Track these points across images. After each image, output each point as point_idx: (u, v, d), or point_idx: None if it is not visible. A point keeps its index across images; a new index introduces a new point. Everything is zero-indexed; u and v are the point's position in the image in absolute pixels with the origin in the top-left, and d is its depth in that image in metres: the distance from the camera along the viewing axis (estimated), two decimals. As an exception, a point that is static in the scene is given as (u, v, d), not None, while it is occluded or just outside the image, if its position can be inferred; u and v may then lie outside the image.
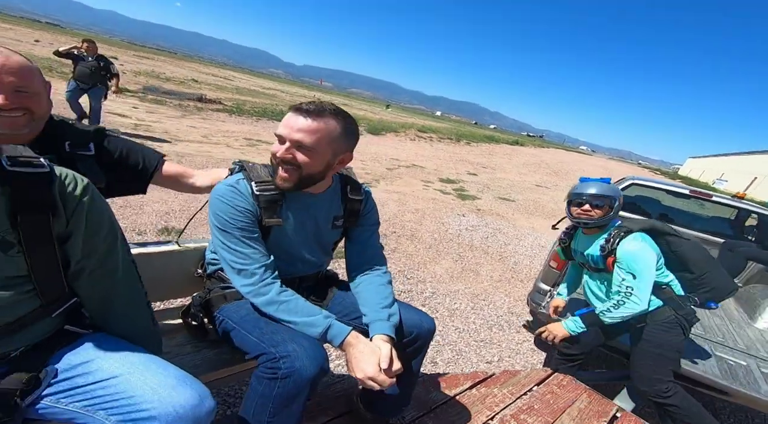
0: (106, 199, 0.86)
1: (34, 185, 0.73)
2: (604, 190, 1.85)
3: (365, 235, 1.35)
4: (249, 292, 1.08)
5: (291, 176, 1.09)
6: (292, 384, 0.91)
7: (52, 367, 0.79)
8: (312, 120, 1.05)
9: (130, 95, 12.44)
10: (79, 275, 0.84)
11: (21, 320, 0.77)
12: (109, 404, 0.74)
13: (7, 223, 0.72)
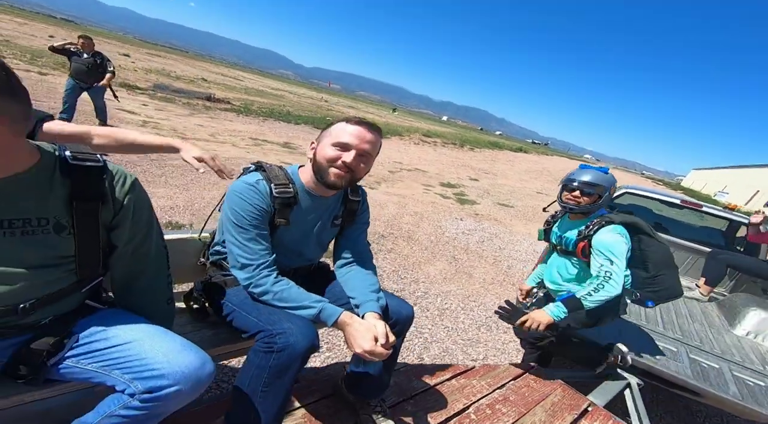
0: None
1: (90, 177, 0.87)
2: (597, 179, 1.92)
3: (357, 232, 1.48)
4: (248, 284, 1.20)
5: (346, 177, 1.24)
6: (286, 357, 1.04)
7: (74, 335, 0.91)
8: (374, 134, 1.26)
9: (140, 93, 12.68)
10: (123, 256, 0.98)
11: (58, 293, 0.90)
12: (124, 365, 0.85)
13: (63, 209, 0.85)
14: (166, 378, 0.82)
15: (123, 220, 0.94)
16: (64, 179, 0.86)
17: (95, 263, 0.94)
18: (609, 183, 1.95)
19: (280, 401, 1.09)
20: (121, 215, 0.93)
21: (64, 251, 0.87)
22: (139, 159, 5.50)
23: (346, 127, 1.24)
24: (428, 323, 3.15)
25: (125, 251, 0.98)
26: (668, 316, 2.96)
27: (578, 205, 1.95)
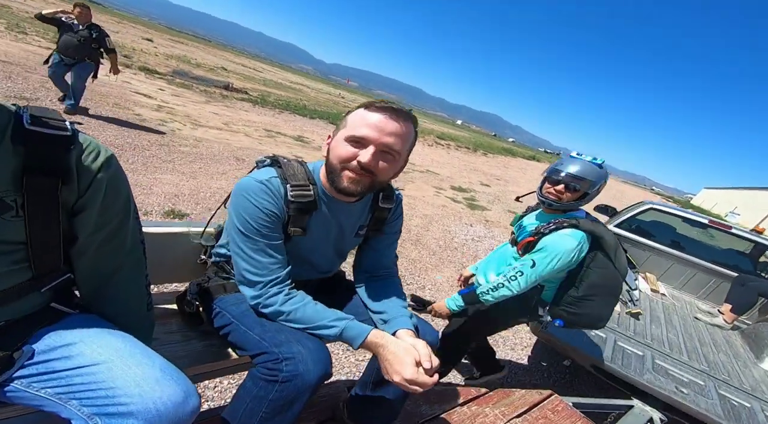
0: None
1: (50, 148, 0.68)
2: (586, 172, 1.61)
3: (385, 243, 1.26)
4: (255, 303, 1.00)
5: (363, 181, 0.97)
6: (293, 388, 0.84)
7: (29, 347, 0.73)
8: (402, 124, 0.96)
9: (159, 78, 12.64)
10: (86, 250, 0.79)
11: (7, 292, 0.72)
12: (86, 394, 0.68)
13: (10, 184, 0.66)
14: (135, 417, 0.65)
15: (89, 203, 0.75)
16: (16, 147, 0.66)
17: (54, 254, 0.75)
18: (599, 178, 1.63)
19: None
20: (88, 197, 0.74)
21: (9, 236, 0.69)
22: (149, 144, 5.41)
23: (365, 116, 0.96)
24: (434, 335, 2.99)
25: (90, 241, 0.78)
26: (692, 343, 2.77)
27: (560, 200, 1.65)
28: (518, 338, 3.40)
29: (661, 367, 2.27)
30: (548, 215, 1.77)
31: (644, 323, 2.84)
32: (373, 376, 1.19)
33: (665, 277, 3.95)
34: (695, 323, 3.23)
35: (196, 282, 1.18)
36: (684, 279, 3.91)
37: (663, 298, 3.57)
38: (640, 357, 2.30)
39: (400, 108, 0.96)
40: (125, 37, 24.20)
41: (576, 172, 1.62)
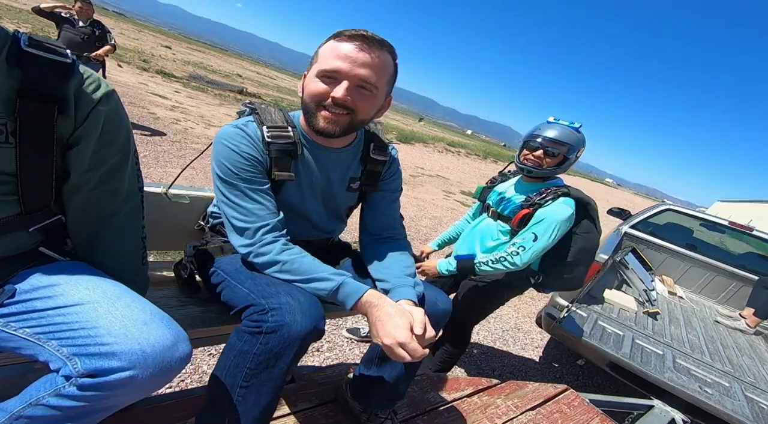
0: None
1: (48, 73, 0.64)
2: (565, 136, 1.57)
3: (385, 201, 1.18)
4: (247, 253, 0.93)
5: (341, 120, 0.90)
6: (277, 340, 0.77)
7: (10, 286, 0.68)
8: (376, 53, 0.87)
9: (175, 81, 12.91)
10: (77, 190, 0.74)
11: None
12: (66, 334, 0.62)
13: (2, 106, 0.62)
14: (118, 358, 0.59)
15: (85, 137, 0.70)
16: (11, 69, 0.62)
17: (44, 190, 0.70)
18: (578, 143, 1.59)
19: (264, 401, 0.81)
20: (84, 130, 0.69)
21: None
22: (161, 140, 5.45)
23: (336, 47, 0.87)
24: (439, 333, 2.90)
25: (83, 180, 0.73)
26: (713, 345, 2.63)
27: (540, 167, 1.59)
28: (529, 338, 3.29)
29: (682, 366, 2.15)
30: (529, 183, 1.70)
31: (662, 323, 2.72)
32: (378, 351, 1.12)
33: (683, 280, 3.80)
34: (716, 327, 3.08)
35: (192, 244, 1.12)
36: (702, 283, 3.76)
37: (681, 301, 3.43)
38: (660, 356, 2.19)
39: (373, 35, 0.88)
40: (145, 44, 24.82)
41: (554, 137, 1.58)
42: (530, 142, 1.62)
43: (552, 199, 1.54)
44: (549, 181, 1.66)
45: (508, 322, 3.44)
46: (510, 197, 1.69)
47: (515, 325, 3.44)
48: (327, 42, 0.91)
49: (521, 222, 1.59)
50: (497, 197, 1.76)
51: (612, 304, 2.79)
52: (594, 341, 2.10)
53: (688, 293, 3.72)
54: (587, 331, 2.19)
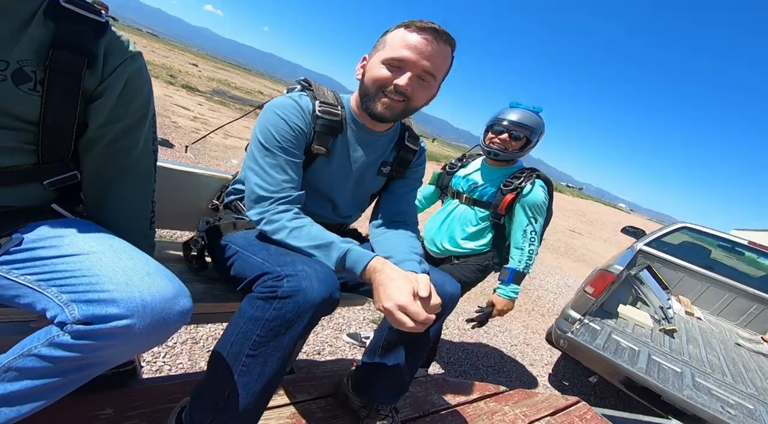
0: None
1: (81, 28, 0.67)
2: (528, 119, 1.64)
3: (405, 188, 1.21)
4: (259, 220, 0.93)
5: (397, 106, 0.95)
6: (292, 305, 0.73)
7: (18, 235, 0.67)
8: (443, 46, 0.92)
9: (199, 94, 13.41)
10: (94, 144, 0.75)
11: (8, 173, 0.67)
12: (67, 281, 0.61)
13: (33, 55, 0.64)
14: (117, 305, 0.57)
15: (107, 91, 0.72)
16: (47, 22, 0.65)
17: (64, 141, 0.71)
18: (539, 126, 1.67)
19: (269, 373, 0.77)
20: (107, 84, 0.71)
21: (21, 111, 0.65)
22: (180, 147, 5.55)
23: (405, 36, 0.91)
24: (446, 343, 2.81)
25: (102, 134, 0.75)
26: (735, 367, 2.50)
27: (506, 150, 1.65)
28: (538, 354, 3.18)
29: (702, 385, 2.03)
30: (496, 167, 1.74)
31: (680, 342, 2.60)
32: (385, 335, 1.07)
33: (700, 301, 3.66)
34: (737, 349, 2.94)
35: (205, 220, 1.10)
36: (721, 304, 3.61)
37: (699, 321, 3.29)
38: (678, 373, 2.08)
39: (443, 29, 0.91)
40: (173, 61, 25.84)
41: (518, 120, 1.64)
42: (495, 126, 1.67)
43: (531, 182, 1.62)
44: (514, 164, 1.72)
45: (517, 337, 3.34)
46: (483, 183, 1.72)
47: (524, 340, 3.33)
48: (396, 29, 0.94)
49: (508, 207, 1.65)
50: (467, 183, 1.77)
51: (626, 319, 2.69)
52: (608, 354, 2.01)
53: (707, 314, 3.57)
54: (601, 343, 2.10)
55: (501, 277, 1.69)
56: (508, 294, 1.65)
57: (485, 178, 1.72)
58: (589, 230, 14.03)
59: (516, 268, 1.63)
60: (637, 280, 3.08)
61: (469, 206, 1.74)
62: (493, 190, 1.67)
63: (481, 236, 1.72)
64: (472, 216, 1.73)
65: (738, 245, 3.57)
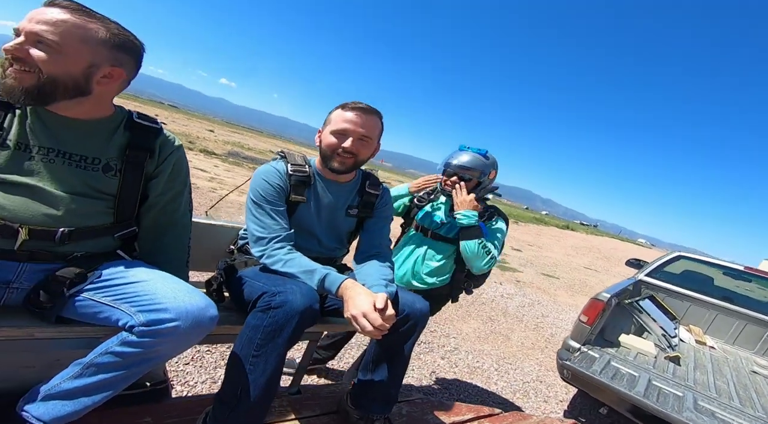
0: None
1: (147, 135, 1.04)
2: (472, 163, 1.79)
3: (377, 226, 1.48)
4: (261, 255, 1.22)
5: (348, 161, 1.30)
6: (282, 313, 0.99)
7: (99, 270, 0.96)
8: (370, 117, 1.30)
9: (215, 157, 14.44)
10: (152, 207, 1.08)
11: (94, 229, 0.98)
12: (134, 299, 0.87)
13: (116, 153, 0.99)
14: (168, 312, 0.83)
15: (162, 172, 1.07)
16: (125, 132, 1.02)
17: (131, 206, 1.04)
18: (486, 167, 1.81)
19: (270, 369, 1.01)
20: (162, 168, 1.07)
21: (105, 188, 0.98)
22: (198, 205, 5.98)
23: (343, 115, 1.29)
24: (456, 379, 2.86)
25: (158, 201, 1.08)
26: (746, 392, 2.47)
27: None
28: (552, 391, 3.15)
29: (705, 408, 2.05)
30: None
31: (686, 369, 2.61)
32: (373, 352, 1.28)
33: (712, 330, 3.62)
34: (752, 376, 2.89)
35: (224, 260, 1.41)
36: (734, 332, 3.56)
37: (712, 350, 3.26)
38: (679, 397, 2.11)
39: (368, 106, 1.30)
40: (191, 129, 28.01)
41: (464, 164, 1.80)
42: (447, 169, 1.86)
43: (497, 217, 1.84)
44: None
45: (530, 374, 3.33)
46: (449, 220, 1.86)
47: (537, 377, 3.32)
48: (336, 110, 1.33)
49: None
50: (431, 220, 1.91)
51: (629, 348, 2.73)
52: (605, 379, 2.08)
53: (721, 343, 3.52)
54: (598, 369, 2.18)
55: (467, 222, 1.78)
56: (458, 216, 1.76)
57: (450, 218, 1.87)
58: (606, 266, 13.74)
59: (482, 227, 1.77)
60: (636, 309, 3.14)
61: (434, 241, 1.89)
62: (457, 227, 1.81)
63: (443, 270, 1.87)
64: (436, 252, 1.87)
65: (736, 271, 3.61)
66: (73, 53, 0.86)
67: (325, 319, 1.39)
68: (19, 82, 0.84)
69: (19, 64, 0.83)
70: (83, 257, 0.98)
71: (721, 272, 3.86)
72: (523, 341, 4.05)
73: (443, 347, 3.34)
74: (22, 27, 0.84)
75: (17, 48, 0.83)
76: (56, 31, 0.83)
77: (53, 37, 0.83)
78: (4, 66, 0.85)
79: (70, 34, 0.85)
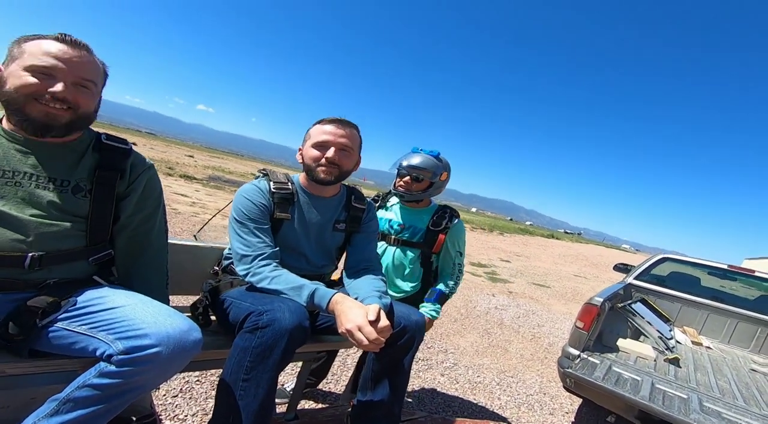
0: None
1: (116, 155, 1.03)
2: (424, 164, 1.78)
3: (364, 240, 1.46)
4: (245, 274, 1.17)
5: (332, 171, 1.30)
6: (271, 333, 0.94)
7: (73, 298, 0.89)
8: (348, 128, 1.33)
9: (196, 182, 14.20)
10: (124, 229, 1.05)
11: (66, 253, 0.93)
12: (111, 326, 0.81)
13: (86, 174, 0.98)
14: (149, 337, 0.77)
15: (133, 191, 1.04)
16: (94, 153, 1.01)
17: (104, 228, 1.00)
18: (438, 168, 1.80)
19: (262, 393, 0.94)
20: (133, 188, 1.05)
21: (76, 209, 0.94)
22: (181, 230, 5.84)
23: (321, 128, 1.31)
24: (457, 396, 2.78)
25: (130, 222, 1.04)
26: (748, 391, 2.46)
27: (410, 191, 1.79)
28: (557, 402, 3.09)
29: (711, 409, 2.03)
30: (413, 208, 1.90)
31: (687, 370, 2.60)
32: (371, 369, 1.23)
33: (706, 330, 3.65)
34: (752, 374, 2.89)
35: (208, 282, 1.34)
36: (728, 331, 3.59)
37: (709, 351, 3.27)
38: (685, 400, 2.08)
39: (344, 119, 1.34)
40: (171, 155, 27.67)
41: (417, 164, 1.79)
42: (400, 170, 1.85)
43: (456, 219, 1.84)
44: (428, 204, 1.90)
45: (532, 386, 3.26)
46: (409, 225, 1.86)
47: (540, 389, 3.25)
48: (315, 125, 1.36)
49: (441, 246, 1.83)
50: (390, 225, 1.89)
51: (628, 352, 2.70)
52: (609, 385, 2.04)
53: (716, 343, 3.54)
54: (600, 376, 2.14)
55: (428, 296, 1.80)
56: (431, 312, 1.75)
57: (408, 221, 1.86)
58: (595, 273, 13.90)
59: (443, 290, 1.78)
60: (629, 312, 3.14)
61: (398, 247, 1.86)
62: (422, 230, 1.82)
63: (413, 275, 1.85)
64: (404, 258, 1.85)
65: (721, 270, 3.67)
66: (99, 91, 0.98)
67: (318, 337, 1.34)
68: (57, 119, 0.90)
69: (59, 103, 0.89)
70: (56, 284, 0.92)
71: (706, 272, 3.92)
72: (521, 352, 3.99)
73: (442, 363, 3.25)
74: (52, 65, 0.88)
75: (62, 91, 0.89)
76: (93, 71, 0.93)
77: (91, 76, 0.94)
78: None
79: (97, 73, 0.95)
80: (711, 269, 3.74)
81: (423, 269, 1.84)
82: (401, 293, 1.85)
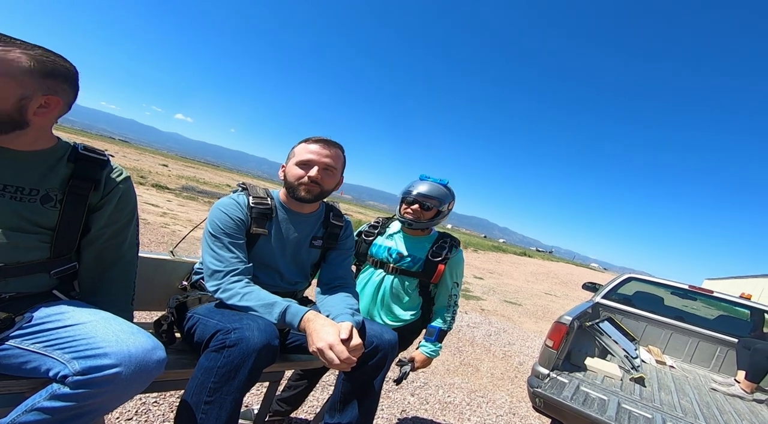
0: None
1: (92, 166, 0.99)
2: (434, 192, 1.77)
3: (339, 257, 1.44)
4: (216, 290, 1.11)
5: (314, 190, 1.29)
6: (238, 352, 0.88)
7: (29, 314, 0.82)
8: (334, 149, 1.34)
9: (168, 192, 13.67)
10: (94, 241, 1.01)
11: (26, 265, 0.86)
12: (68, 345, 0.75)
13: (57, 184, 0.93)
14: (109, 357, 0.71)
15: (107, 203, 1.00)
16: (69, 163, 0.97)
17: (71, 240, 0.94)
18: (446, 197, 1.80)
19: (225, 416, 0.87)
20: (107, 199, 1.00)
21: (42, 220, 0.89)
22: (149, 241, 5.56)
23: (307, 147, 1.31)
24: (428, 418, 2.71)
25: (101, 234, 0.99)
26: (709, 410, 2.53)
27: (418, 219, 1.75)
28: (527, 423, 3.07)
29: None
30: (415, 236, 1.84)
31: (652, 390, 2.65)
32: (341, 390, 1.17)
33: (669, 349, 3.76)
34: (712, 394, 2.98)
35: (175, 297, 1.26)
36: (689, 350, 3.72)
37: (672, 370, 3.36)
38: (649, 419, 2.11)
39: (329, 139, 1.34)
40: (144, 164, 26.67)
41: (426, 192, 1.77)
42: (407, 197, 1.79)
43: (455, 248, 1.81)
44: (429, 232, 1.87)
45: (502, 407, 3.24)
46: (408, 254, 1.79)
47: (510, 410, 3.23)
48: (300, 144, 1.35)
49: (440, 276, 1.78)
50: (389, 253, 1.81)
51: (595, 371, 2.74)
52: (576, 405, 2.04)
53: (679, 362, 3.65)
54: (569, 395, 2.14)
55: (427, 335, 1.75)
56: (432, 352, 1.73)
57: (409, 249, 1.79)
58: (565, 291, 14.23)
59: (442, 327, 1.75)
60: (597, 331, 3.19)
61: (396, 276, 1.78)
62: (421, 260, 1.76)
63: (413, 304, 1.80)
64: (403, 287, 1.78)
65: (682, 290, 3.83)
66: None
67: (287, 356, 1.28)
68: None
69: None
70: (12, 298, 0.85)
71: (669, 292, 4.08)
72: (492, 371, 3.98)
73: (412, 382, 3.18)
74: None
75: None
76: None
77: None
78: None
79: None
80: (673, 288, 3.89)
81: (423, 298, 1.81)
82: (400, 322, 1.77)
